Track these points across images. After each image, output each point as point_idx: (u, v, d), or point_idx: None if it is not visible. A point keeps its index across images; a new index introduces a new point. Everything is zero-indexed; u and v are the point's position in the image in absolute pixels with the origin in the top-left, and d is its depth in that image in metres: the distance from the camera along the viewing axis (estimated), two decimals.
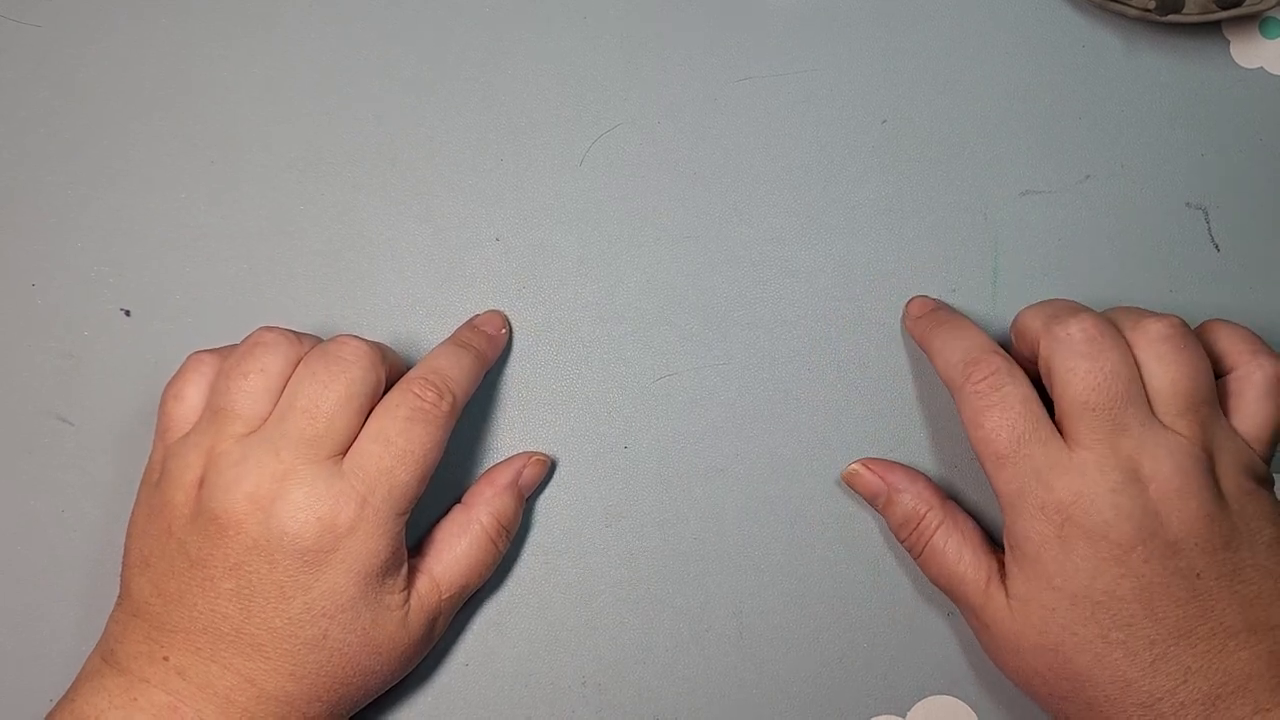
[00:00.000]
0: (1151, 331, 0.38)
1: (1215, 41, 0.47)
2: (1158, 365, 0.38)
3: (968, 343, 0.40)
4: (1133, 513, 0.36)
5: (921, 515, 0.41)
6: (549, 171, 0.46)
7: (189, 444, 0.38)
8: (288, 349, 0.39)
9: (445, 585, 0.40)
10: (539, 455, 0.43)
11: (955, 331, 0.41)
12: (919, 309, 0.44)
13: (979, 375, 0.39)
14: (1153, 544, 0.36)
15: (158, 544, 0.38)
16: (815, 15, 0.47)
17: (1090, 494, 0.36)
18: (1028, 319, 0.40)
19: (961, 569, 0.39)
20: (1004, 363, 0.39)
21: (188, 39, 0.47)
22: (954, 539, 0.40)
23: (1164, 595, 0.36)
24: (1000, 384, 0.38)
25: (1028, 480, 0.37)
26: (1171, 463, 0.36)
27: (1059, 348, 0.38)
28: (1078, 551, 0.36)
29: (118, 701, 0.36)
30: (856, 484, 0.43)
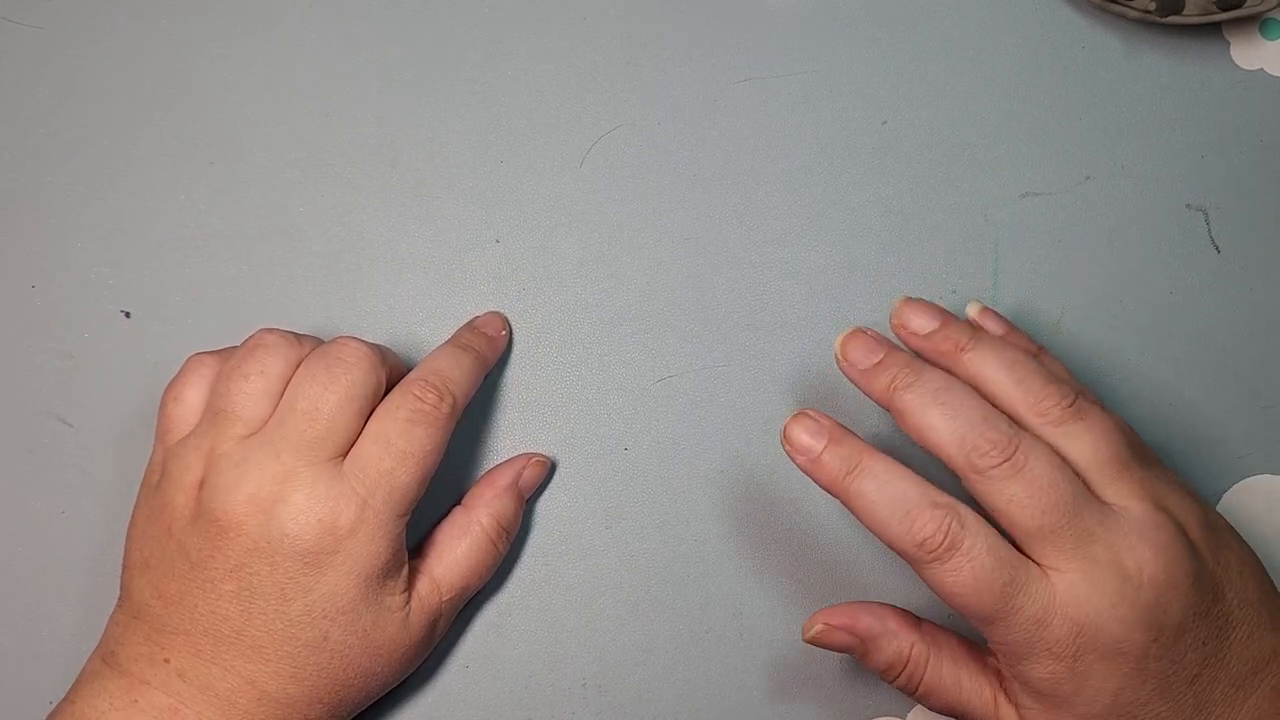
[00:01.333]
0: (1052, 416, 0.36)
1: (1215, 43, 0.47)
2: (1069, 445, 0.35)
3: (893, 491, 0.35)
4: (1139, 619, 0.34)
5: (906, 656, 0.37)
6: (549, 173, 0.46)
7: (189, 446, 0.38)
8: (288, 351, 0.39)
9: (446, 587, 0.40)
10: (539, 457, 0.43)
11: (873, 482, 0.35)
12: (808, 441, 0.37)
13: (930, 540, 0.34)
14: (1163, 639, 0.34)
15: (158, 546, 0.38)
16: (815, 16, 0.47)
17: (1092, 619, 0.34)
18: (941, 449, 0.36)
19: (965, 697, 0.37)
20: (947, 511, 0.35)
21: (188, 39, 0.47)
22: (947, 668, 0.37)
23: (1179, 679, 0.35)
24: (957, 540, 0.34)
25: (1026, 629, 0.34)
26: (1148, 546, 0.34)
27: (987, 484, 0.35)
28: (1095, 675, 0.34)
29: (118, 703, 0.36)
30: (824, 644, 0.38)
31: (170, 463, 0.39)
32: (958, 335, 0.38)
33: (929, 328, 0.39)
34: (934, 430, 0.35)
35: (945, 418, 0.35)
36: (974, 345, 0.38)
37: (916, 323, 0.39)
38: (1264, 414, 0.44)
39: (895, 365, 0.37)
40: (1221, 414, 0.44)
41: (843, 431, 0.37)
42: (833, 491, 0.36)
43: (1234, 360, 0.45)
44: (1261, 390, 0.45)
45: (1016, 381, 0.37)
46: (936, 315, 0.39)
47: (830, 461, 0.36)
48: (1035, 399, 0.36)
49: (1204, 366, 0.45)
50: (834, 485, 0.36)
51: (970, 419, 0.35)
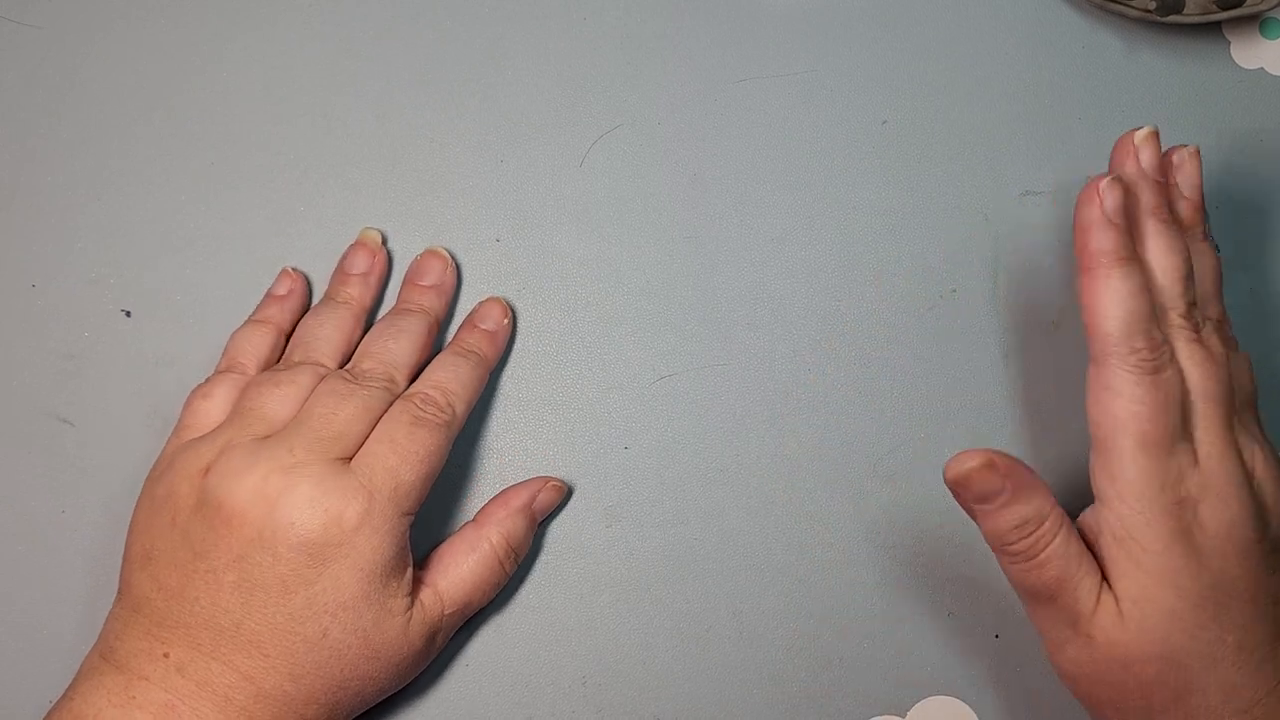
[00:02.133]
0: (1224, 330, 0.39)
1: (1215, 42, 0.47)
2: (1231, 365, 0.38)
3: (1141, 305, 0.36)
4: (1253, 509, 0.36)
5: (1047, 515, 0.36)
6: (549, 172, 0.46)
7: (206, 439, 0.39)
8: (321, 371, 0.41)
9: (449, 600, 0.40)
10: (555, 481, 0.43)
11: (1132, 283, 0.36)
12: (1114, 209, 0.37)
13: (1146, 350, 0.35)
14: (1264, 543, 0.36)
15: (161, 536, 0.38)
16: (815, 15, 0.47)
17: (1219, 489, 0.35)
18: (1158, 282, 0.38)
19: (1080, 575, 0.36)
20: (1168, 345, 0.36)
21: (188, 39, 0.47)
22: (1074, 541, 0.36)
23: (1269, 594, 0.35)
24: (1163, 366, 0.36)
25: (1170, 473, 0.35)
26: (1263, 460, 0.37)
27: (1179, 336, 0.37)
28: (1205, 549, 0.35)
29: (116, 700, 0.36)
30: (973, 482, 0.36)
31: (181, 454, 0.39)
32: (1199, 222, 0.40)
33: (1193, 195, 0.40)
34: (1157, 264, 0.37)
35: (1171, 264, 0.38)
36: (1205, 243, 0.40)
37: (1188, 184, 0.40)
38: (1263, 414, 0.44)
39: (1164, 200, 0.39)
40: None
41: (1130, 229, 0.37)
42: (1091, 265, 0.37)
43: None
44: (1261, 390, 0.44)
45: (1214, 296, 0.39)
46: (1200, 192, 0.40)
47: (1118, 237, 0.37)
48: (1219, 315, 0.39)
49: None
50: (1097, 258, 0.36)
51: (1186, 282, 0.38)
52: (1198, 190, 0.40)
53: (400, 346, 0.42)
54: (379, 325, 0.43)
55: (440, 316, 0.44)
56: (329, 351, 0.42)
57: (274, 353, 0.43)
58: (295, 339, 0.43)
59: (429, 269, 0.44)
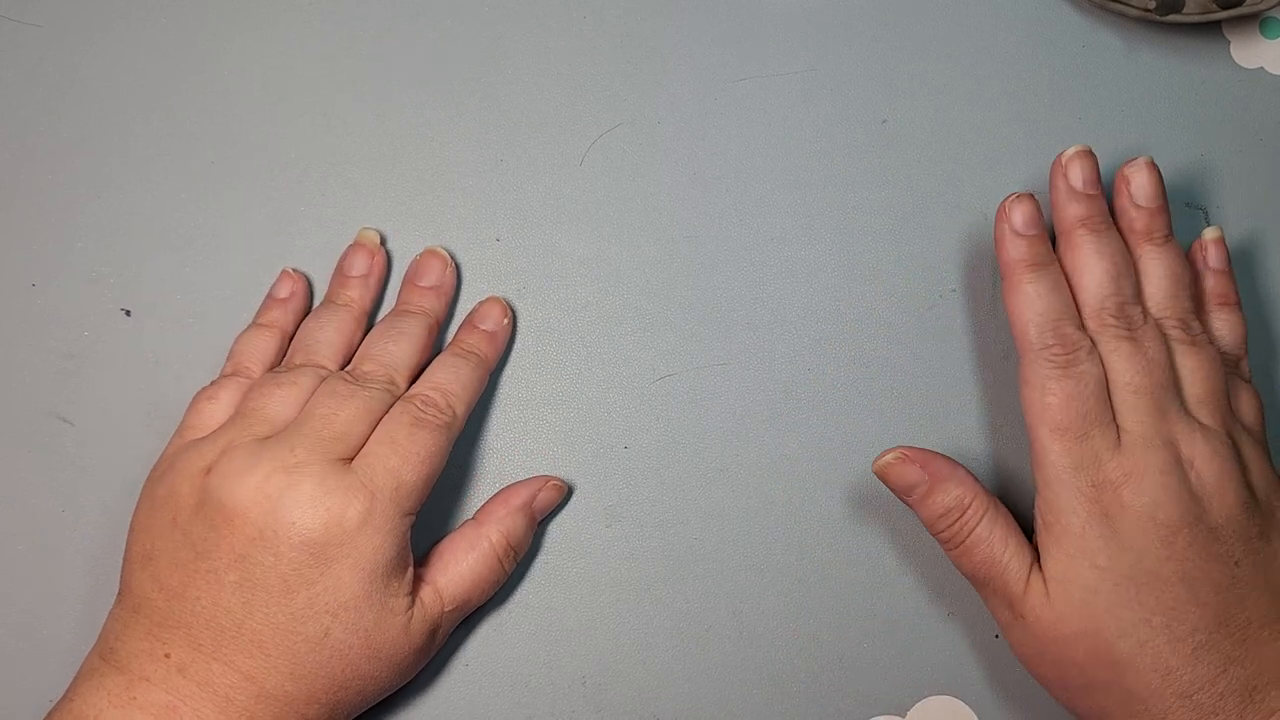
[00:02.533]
0: (1173, 332, 0.40)
1: (1215, 41, 0.47)
2: (1180, 361, 0.39)
3: (1057, 303, 0.40)
4: (1180, 494, 0.37)
5: (966, 504, 0.39)
6: (549, 171, 0.46)
7: (208, 440, 0.39)
8: (322, 373, 0.41)
9: (448, 598, 0.40)
10: (556, 480, 0.43)
11: (1045, 284, 0.40)
12: (1022, 223, 0.41)
13: (1059, 347, 0.39)
14: (1197, 528, 0.36)
15: (162, 536, 0.38)
16: (815, 15, 0.47)
17: (1140, 473, 0.37)
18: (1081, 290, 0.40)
19: (1006, 557, 0.39)
20: (1085, 340, 0.39)
21: (188, 39, 0.47)
22: (998, 527, 0.39)
23: (1205, 581, 0.36)
24: (1078, 360, 0.39)
25: (1084, 457, 0.38)
26: (1208, 448, 0.38)
27: (1102, 333, 0.39)
28: (1124, 531, 0.37)
29: (117, 701, 0.36)
30: (892, 475, 0.40)
31: (184, 454, 0.39)
32: (1157, 226, 0.42)
33: (1146, 203, 0.42)
34: (1088, 273, 0.40)
35: (1102, 271, 0.40)
36: (1161, 244, 0.41)
37: (1141, 193, 0.42)
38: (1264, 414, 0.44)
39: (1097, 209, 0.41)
40: None
41: (1046, 237, 0.41)
42: (1007, 269, 0.41)
43: None
44: (1261, 391, 0.45)
45: (1168, 291, 0.41)
46: (1158, 198, 0.42)
47: (1028, 247, 0.41)
48: (1172, 312, 0.40)
49: None
50: (1014, 265, 0.41)
51: (1120, 285, 0.40)
52: (1152, 198, 0.42)
53: (400, 348, 0.42)
54: (379, 327, 0.43)
55: (440, 317, 0.44)
56: (330, 354, 0.42)
57: (278, 356, 0.43)
58: (296, 342, 0.43)
59: (428, 269, 0.44)
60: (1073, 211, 0.41)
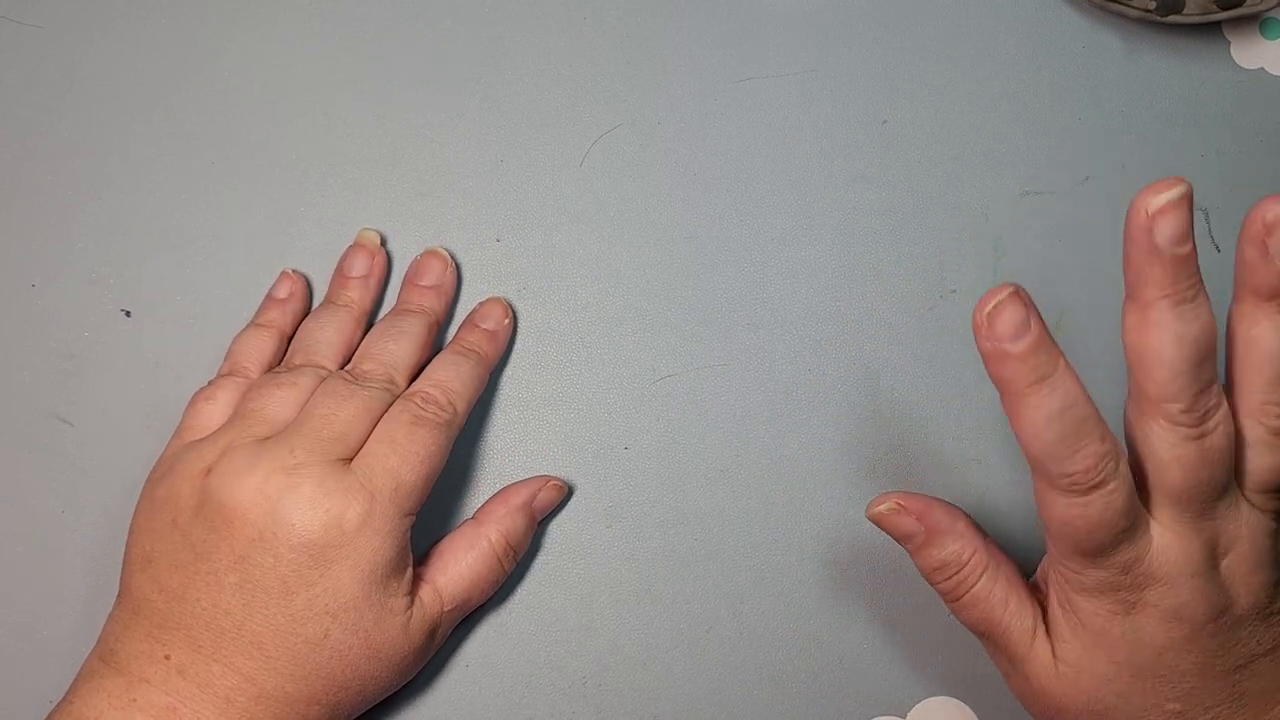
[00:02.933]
0: (1269, 414, 0.33)
1: (1216, 42, 0.47)
2: (1263, 451, 0.34)
3: (1064, 430, 0.32)
4: (1209, 595, 0.34)
5: (965, 560, 0.37)
6: (549, 172, 0.46)
7: (207, 441, 0.39)
8: (322, 373, 0.41)
9: (448, 597, 0.40)
10: (556, 480, 0.43)
11: (1056, 399, 0.31)
12: (1011, 336, 0.31)
13: (1083, 474, 0.32)
14: (1221, 621, 0.34)
15: (162, 538, 0.38)
16: (815, 15, 0.47)
17: (1171, 578, 0.33)
18: (1148, 364, 0.32)
19: (1007, 619, 0.36)
20: (1110, 450, 0.32)
21: (188, 39, 0.47)
22: (1000, 585, 0.37)
23: (1223, 665, 0.35)
24: (1106, 480, 0.32)
25: (1110, 570, 0.34)
26: (1248, 540, 0.34)
27: (1165, 429, 0.33)
28: (1147, 630, 0.34)
29: (116, 703, 0.36)
30: (886, 524, 0.37)
31: (183, 455, 0.39)
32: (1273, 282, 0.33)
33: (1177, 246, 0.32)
34: (1163, 348, 0.32)
35: (1178, 351, 0.31)
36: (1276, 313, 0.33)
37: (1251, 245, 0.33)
38: None
39: (1190, 275, 0.32)
40: None
41: (1046, 332, 0.31)
42: (1007, 393, 0.32)
43: None
44: None
45: (1274, 379, 0.33)
46: None
47: (1024, 363, 0.31)
48: (1277, 400, 0.33)
49: None
50: (1012, 387, 0.32)
51: (1197, 369, 0.32)
52: None
53: (400, 347, 0.42)
54: (379, 326, 0.43)
55: (440, 317, 0.44)
56: (329, 354, 0.42)
57: (276, 356, 0.43)
58: (296, 342, 0.43)
59: (429, 269, 0.44)
60: (1155, 276, 0.32)
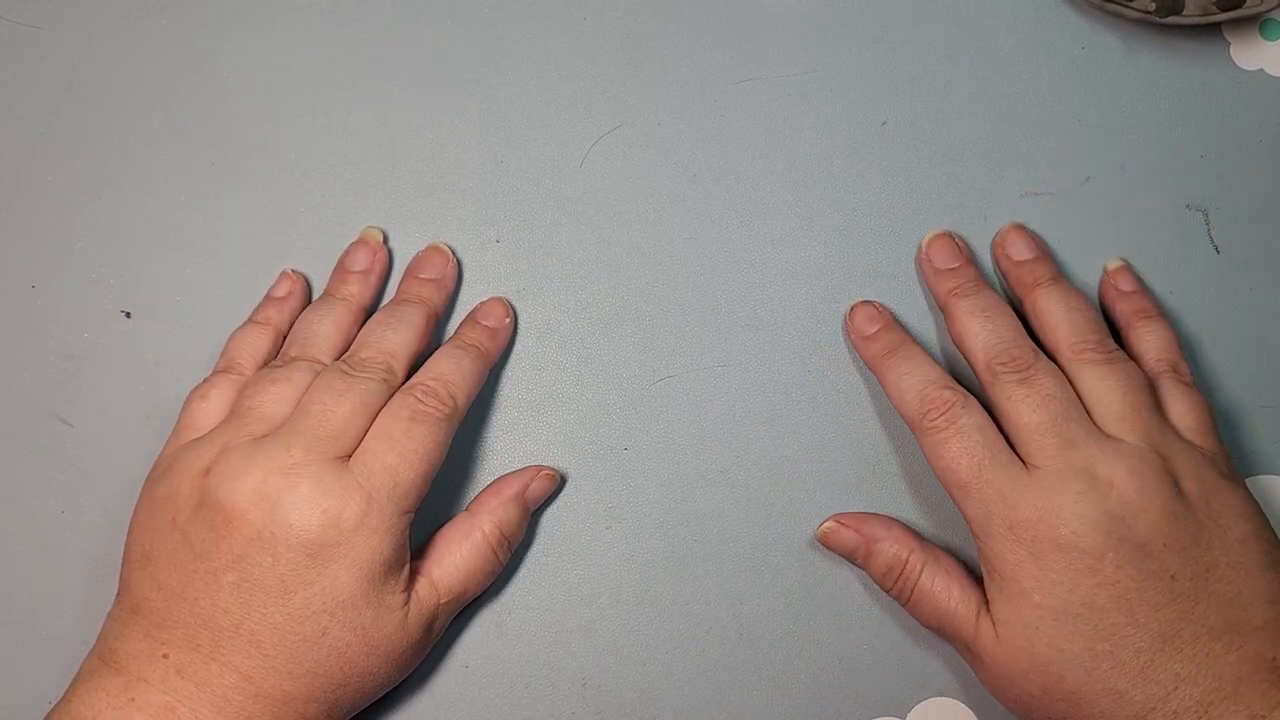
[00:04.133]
0: (1086, 356, 0.40)
1: (1215, 43, 0.47)
2: (1092, 382, 0.40)
3: (920, 376, 0.41)
4: (1098, 519, 0.37)
5: (904, 560, 0.41)
6: (549, 172, 0.46)
7: (205, 440, 0.39)
8: (317, 367, 0.41)
9: (444, 590, 0.40)
10: (548, 470, 0.43)
11: (907, 363, 0.42)
12: (865, 324, 0.44)
13: (935, 411, 0.40)
14: (1122, 549, 0.36)
15: (161, 537, 0.38)
16: (815, 16, 0.47)
17: (1053, 507, 0.37)
18: (972, 353, 0.42)
19: (951, 605, 0.40)
20: (956, 395, 0.40)
21: (187, 39, 0.47)
22: (940, 578, 0.40)
23: (1142, 600, 0.36)
24: (955, 417, 0.39)
25: (993, 504, 0.38)
26: (1124, 466, 0.37)
27: (998, 385, 0.40)
28: (1051, 566, 0.37)
29: (115, 702, 0.36)
30: (831, 542, 0.42)
31: (182, 455, 0.39)
32: (1041, 272, 0.43)
33: (1023, 257, 0.44)
34: (971, 335, 0.41)
35: (983, 328, 0.41)
36: (1049, 284, 0.43)
37: (1015, 249, 0.44)
38: (1264, 414, 0.44)
39: (964, 276, 0.43)
40: (1221, 414, 0.44)
41: (893, 322, 0.44)
42: (872, 366, 0.43)
43: (1234, 360, 0.45)
44: (1262, 390, 0.45)
45: (1069, 321, 0.41)
46: (1034, 248, 0.44)
47: (877, 341, 0.43)
48: (1077, 337, 0.41)
49: (1204, 367, 0.45)
50: (874, 360, 0.43)
51: (1002, 335, 0.41)
52: (1028, 250, 0.44)
53: (399, 336, 0.41)
54: (377, 315, 0.43)
55: (439, 310, 0.44)
56: (325, 347, 0.42)
57: (271, 353, 0.43)
58: (293, 334, 0.43)
59: (430, 263, 0.44)
60: (943, 287, 0.43)
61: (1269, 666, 0.36)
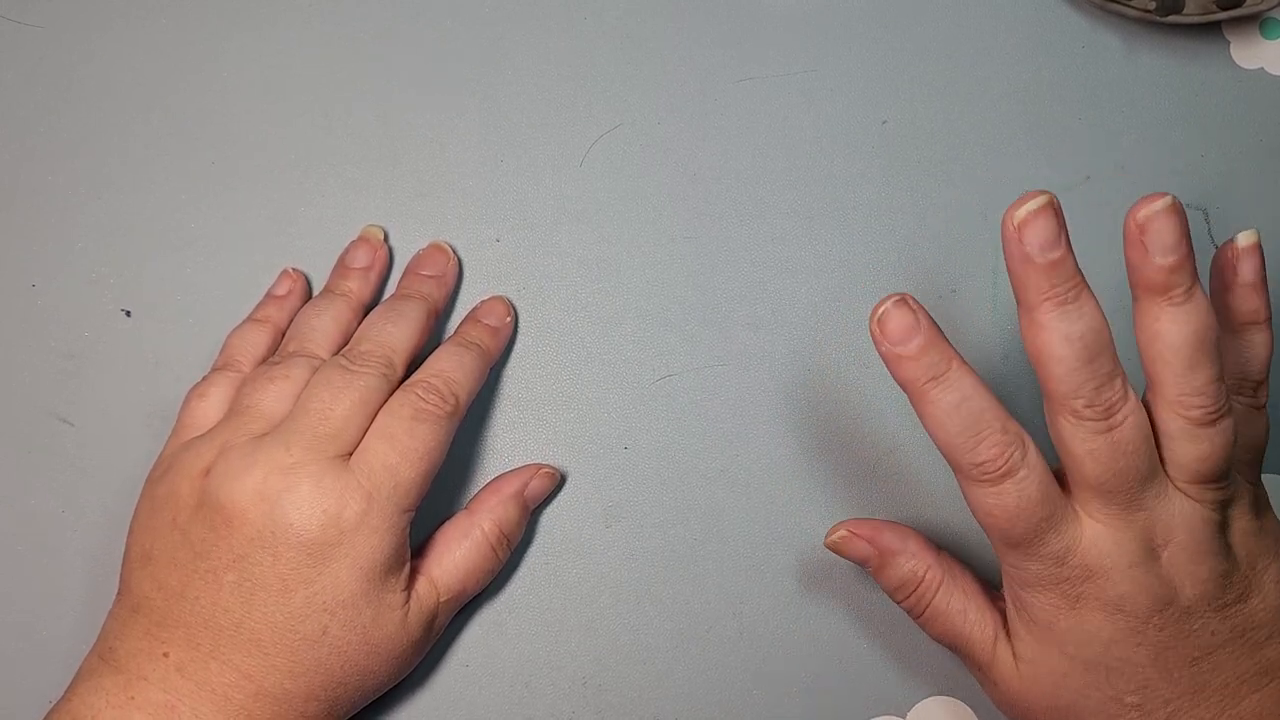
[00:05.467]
0: (1191, 415, 0.34)
1: (1215, 42, 0.47)
2: (1185, 442, 0.34)
3: (971, 413, 0.34)
4: (1149, 586, 0.34)
5: (920, 577, 0.38)
6: (549, 172, 0.46)
7: (204, 439, 0.39)
8: (315, 363, 0.40)
9: (443, 588, 0.40)
10: (548, 468, 0.43)
11: (955, 394, 0.34)
12: (903, 337, 0.34)
13: (990, 463, 0.34)
14: (1168, 613, 0.35)
15: (161, 537, 0.38)
16: (815, 15, 0.47)
17: (1106, 570, 0.34)
18: (1048, 367, 0.34)
19: (967, 629, 0.38)
20: (1014, 440, 0.34)
21: (187, 39, 0.47)
22: (956, 597, 0.38)
23: (1179, 657, 0.35)
24: (1014, 469, 0.34)
25: (1044, 562, 0.35)
26: (1185, 530, 0.34)
27: (1074, 424, 0.34)
28: (1092, 622, 0.35)
29: (114, 701, 0.36)
30: (843, 552, 0.40)
31: (182, 454, 0.39)
32: (1178, 282, 0.33)
33: (1165, 259, 0.33)
34: (1057, 353, 0.33)
35: (1073, 352, 0.33)
36: (1182, 301, 0.33)
37: (1159, 242, 0.33)
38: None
39: (1062, 274, 0.33)
40: None
41: (937, 333, 0.34)
42: (909, 390, 0.34)
43: None
44: None
45: (1186, 366, 0.33)
46: (1180, 248, 0.33)
47: (918, 362, 0.34)
48: (1189, 391, 0.34)
49: None
50: (913, 384, 0.34)
51: (1095, 366, 0.33)
52: (1174, 248, 0.33)
53: (399, 330, 0.41)
54: (378, 309, 0.42)
55: (440, 306, 0.44)
56: (324, 343, 0.42)
57: (269, 351, 0.43)
58: (291, 330, 0.43)
59: (431, 260, 0.44)
60: (1033, 284, 0.33)
61: None
